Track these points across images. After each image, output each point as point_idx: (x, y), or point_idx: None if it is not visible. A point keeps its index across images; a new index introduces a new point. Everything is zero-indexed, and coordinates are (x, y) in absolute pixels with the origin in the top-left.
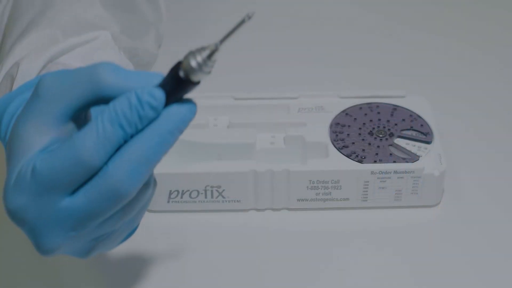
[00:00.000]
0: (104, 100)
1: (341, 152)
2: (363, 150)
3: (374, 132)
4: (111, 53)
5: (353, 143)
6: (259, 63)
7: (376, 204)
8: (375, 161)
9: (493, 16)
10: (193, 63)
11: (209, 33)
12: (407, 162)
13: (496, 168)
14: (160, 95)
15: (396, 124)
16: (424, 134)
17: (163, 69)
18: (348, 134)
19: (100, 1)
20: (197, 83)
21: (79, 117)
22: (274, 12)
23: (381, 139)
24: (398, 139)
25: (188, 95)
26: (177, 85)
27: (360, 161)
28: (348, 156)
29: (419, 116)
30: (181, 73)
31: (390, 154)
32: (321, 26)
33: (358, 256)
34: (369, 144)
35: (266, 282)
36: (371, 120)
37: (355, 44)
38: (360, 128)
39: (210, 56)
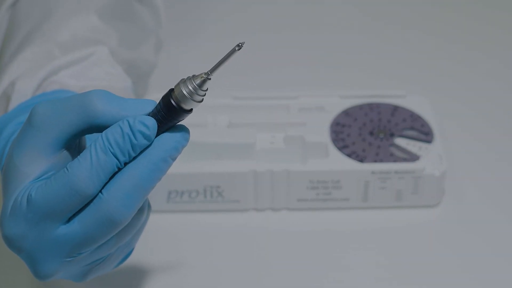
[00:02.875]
0: (97, 128)
1: (341, 152)
2: (364, 150)
3: (374, 132)
4: (107, 69)
5: (354, 143)
6: (259, 63)
7: (376, 204)
8: (375, 161)
9: (493, 17)
10: (184, 91)
11: (209, 33)
12: (407, 162)
13: (496, 168)
14: (152, 123)
15: (396, 124)
16: (424, 134)
17: (163, 71)
18: (348, 134)
19: (97, 13)
20: (189, 110)
21: (72, 144)
22: (274, 12)
23: (381, 139)
24: (399, 139)
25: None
26: (169, 112)
27: (361, 161)
28: (348, 156)
29: (419, 116)
30: (173, 101)
31: (391, 154)
32: (321, 26)
33: (358, 256)
34: (370, 144)
35: (266, 282)
36: (371, 120)
37: (355, 44)
38: (360, 128)
39: (201, 85)
